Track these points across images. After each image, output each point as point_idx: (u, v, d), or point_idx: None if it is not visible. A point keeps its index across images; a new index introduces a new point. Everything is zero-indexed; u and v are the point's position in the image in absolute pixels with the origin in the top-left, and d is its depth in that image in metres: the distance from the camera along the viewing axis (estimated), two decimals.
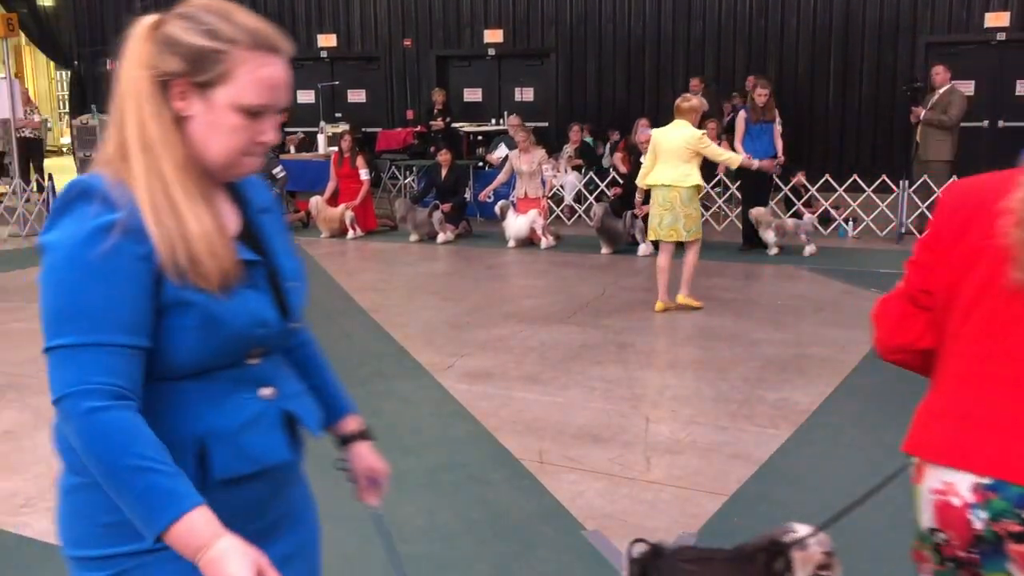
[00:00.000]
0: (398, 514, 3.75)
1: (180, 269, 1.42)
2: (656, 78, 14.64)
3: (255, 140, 1.51)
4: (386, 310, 7.39)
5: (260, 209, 1.65)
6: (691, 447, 4.44)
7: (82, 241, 1.38)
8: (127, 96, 1.49)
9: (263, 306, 1.54)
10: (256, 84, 1.48)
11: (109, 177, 1.45)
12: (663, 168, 7.15)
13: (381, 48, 16.39)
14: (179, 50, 1.46)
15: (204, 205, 1.47)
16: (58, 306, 1.39)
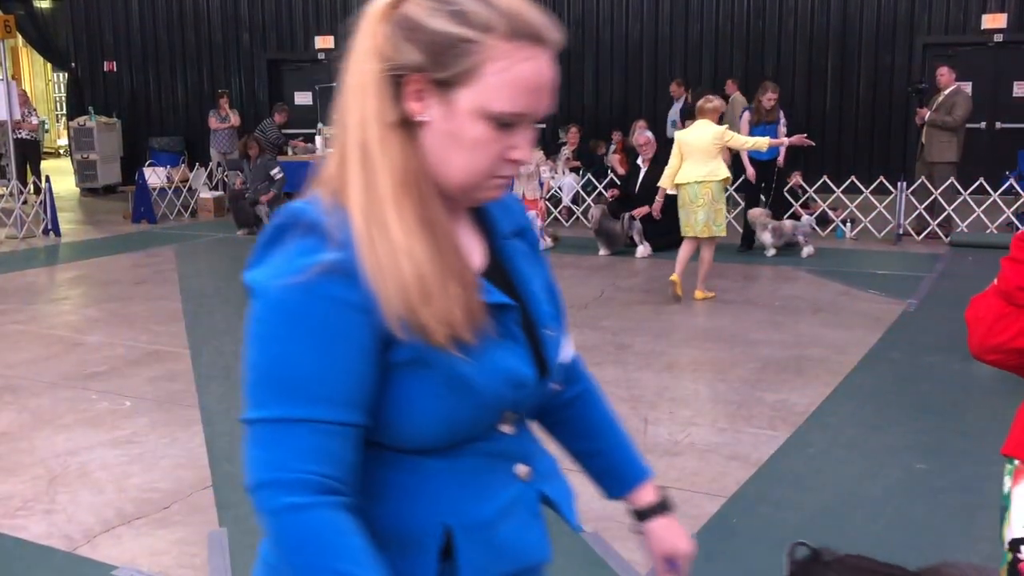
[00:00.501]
0: None
1: (401, 321, 1.11)
2: (654, 80, 14.64)
3: (504, 157, 1.17)
4: None
5: (510, 234, 1.32)
6: (690, 448, 4.43)
7: (291, 286, 1.10)
8: (352, 92, 1.18)
9: (518, 362, 1.21)
10: (512, 85, 1.14)
11: (326, 200, 1.16)
12: (691, 167, 7.47)
13: None
14: (419, 37, 1.13)
15: (424, 235, 1.14)
16: (262, 368, 1.13)
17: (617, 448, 1.52)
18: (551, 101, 1.20)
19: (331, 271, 1.10)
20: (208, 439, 4.63)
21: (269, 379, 1.12)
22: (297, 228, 1.14)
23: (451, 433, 1.17)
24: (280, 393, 1.11)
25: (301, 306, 1.10)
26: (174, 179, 13.66)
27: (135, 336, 6.70)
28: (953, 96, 10.33)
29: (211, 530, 3.65)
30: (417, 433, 1.16)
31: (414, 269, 1.11)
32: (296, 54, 16.91)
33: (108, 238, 11.63)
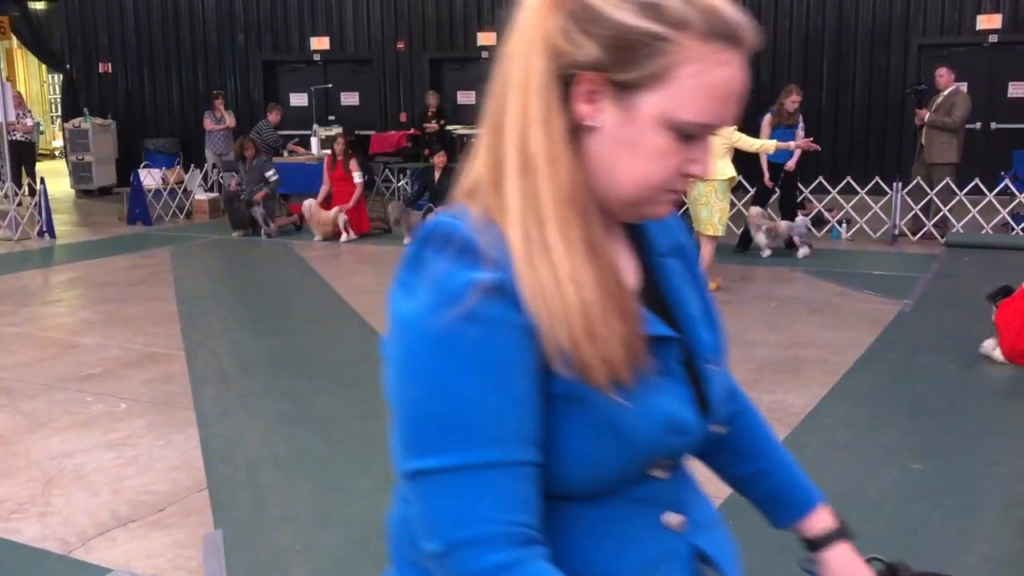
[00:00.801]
0: None
1: (561, 354, 0.98)
2: None
3: (682, 171, 1.04)
4: (380, 313, 7.35)
5: (667, 251, 1.18)
6: None
7: (445, 311, 0.96)
8: (512, 91, 1.03)
9: (678, 404, 1.07)
10: (704, 92, 0.99)
11: (476, 214, 1.02)
12: (721, 161, 7.62)
13: (374, 51, 16.37)
14: (601, 30, 0.98)
15: (588, 260, 1.00)
16: (426, 409, 0.98)
17: (783, 469, 1.37)
18: (738, 111, 1.05)
19: (491, 292, 0.96)
20: (203, 441, 4.62)
21: (439, 421, 0.97)
22: (446, 246, 0.99)
23: (595, 480, 1.03)
24: (456, 436, 0.96)
25: (464, 334, 0.95)
26: (169, 180, 13.64)
27: (130, 338, 6.68)
28: (952, 97, 10.33)
29: (206, 532, 3.64)
30: (556, 476, 1.02)
31: (579, 299, 0.98)
32: (292, 55, 16.90)
33: (103, 240, 11.60)
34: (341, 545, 3.53)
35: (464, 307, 0.95)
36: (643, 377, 1.02)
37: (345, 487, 4.05)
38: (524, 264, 0.98)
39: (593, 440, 1.01)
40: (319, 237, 11.29)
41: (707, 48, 0.98)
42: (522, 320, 0.97)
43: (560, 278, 0.98)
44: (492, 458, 0.96)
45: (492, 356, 0.96)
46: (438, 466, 0.97)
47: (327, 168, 11.64)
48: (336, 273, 9.22)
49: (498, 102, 1.04)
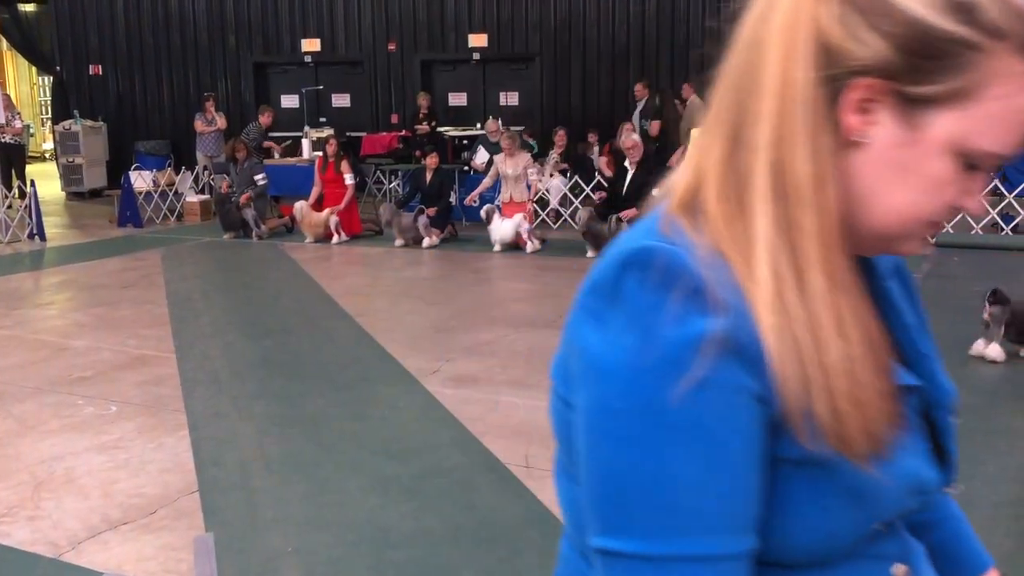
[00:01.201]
0: (383, 519, 3.74)
1: (813, 423, 0.80)
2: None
3: (953, 203, 0.85)
4: (371, 315, 7.37)
5: (888, 274, 0.99)
6: None
7: (659, 367, 0.77)
8: (762, 93, 0.83)
9: (920, 462, 0.91)
10: (1009, 118, 0.81)
11: (696, 239, 0.82)
12: None
13: (365, 52, 16.37)
14: (894, 27, 0.80)
15: (853, 304, 0.83)
16: (629, 481, 0.80)
17: (954, 524, 1.22)
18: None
19: (722, 348, 0.77)
20: (195, 444, 4.61)
21: (645, 499, 0.80)
22: (665, 282, 0.79)
23: (824, 547, 0.88)
24: (665, 520, 0.80)
25: (685, 403, 0.77)
26: (160, 183, 13.61)
27: (121, 340, 6.66)
28: None
29: (197, 535, 3.63)
30: (778, 544, 0.86)
31: (845, 355, 0.80)
32: (283, 57, 16.88)
33: (94, 242, 11.57)
34: (333, 547, 3.53)
35: (687, 368, 0.77)
36: (894, 438, 0.85)
37: (337, 489, 4.05)
38: (771, 311, 0.79)
39: (830, 508, 0.85)
40: (310, 239, 11.27)
41: (1021, 66, 0.79)
42: (757, 383, 0.79)
43: (822, 329, 0.79)
44: (706, 550, 0.80)
45: (717, 430, 0.79)
46: (641, 552, 0.80)
47: (318, 170, 11.63)
48: (327, 275, 9.21)
49: (736, 105, 0.84)
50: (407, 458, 4.39)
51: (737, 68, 0.86)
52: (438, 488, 4.04)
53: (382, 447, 4.54)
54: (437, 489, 4.03)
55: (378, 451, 4.49)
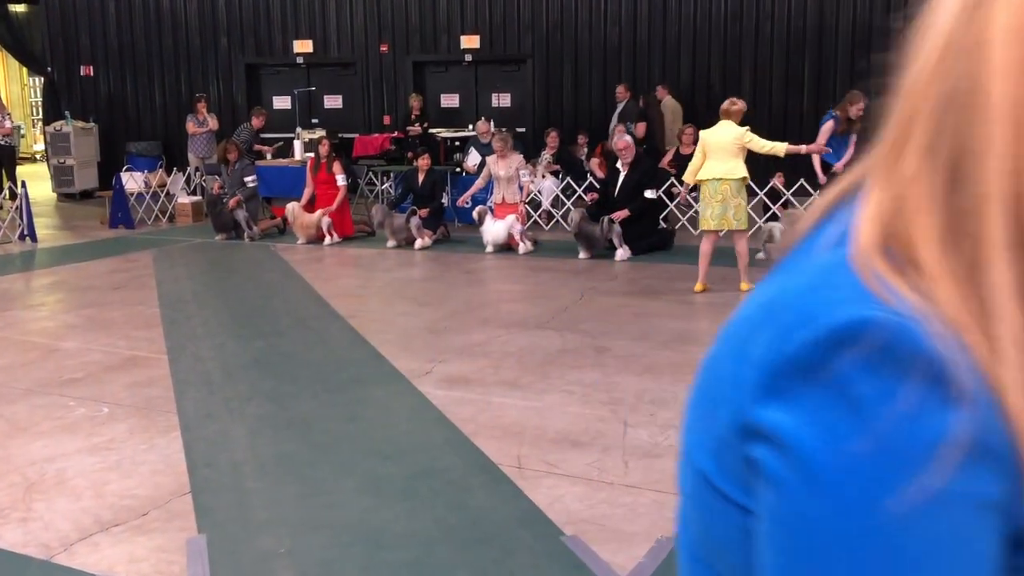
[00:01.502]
0: (376, 520, 3.74)
1: None
2: (632, 83, 14.69)
3: None
4: (363, 316, 7.37)
5: None
6: (670, 451, 4.45)
7: (888, 475, 0.62)
8: (989, 115, 0.64)
9: None
10: None
11: (922, 305, 0.63)
12: (713, 164, 8.00)
13: (357, 54, 16.36)
14: None
15: None
16: None
17: None
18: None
19: (972, 451, 0.61)
20: (187, 445, 4.61)
21: None
22: (897, 366, 0.62)
23: None
24: None
25: (920, 517, 0.62)
26: (152, 184, 13.57)
27: (112, 342, 6.65)
28: None
29: (189, 536, 3.63)
30: None
31: None
32: (275, 58, 16.86)
33: (85, 243, 11.54)
34: (326, 548, 3.53)
35: (923, 476, 0.62)
36: None
37: (330, 490, 4.05)
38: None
39: None
40: (302, 240, 11.26)
41: None
42: (1003, 492, 0.63)
43: None
44: None
45: (955, 557, 0.63)
46: None
47: (310, 171, 11.62)
48: (319, 276, 9.21)
49: (951, 129, 0.65)
50: (400, 459, 4.39)
51: (945, 80, 0.67)
52: (431, 489, 4.05)
53: (375, 448, 4.54)
54: (430, 490, 4.04)
55: (371, 452, 4.49)
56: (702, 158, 8.05)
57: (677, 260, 9.61)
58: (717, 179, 7.97)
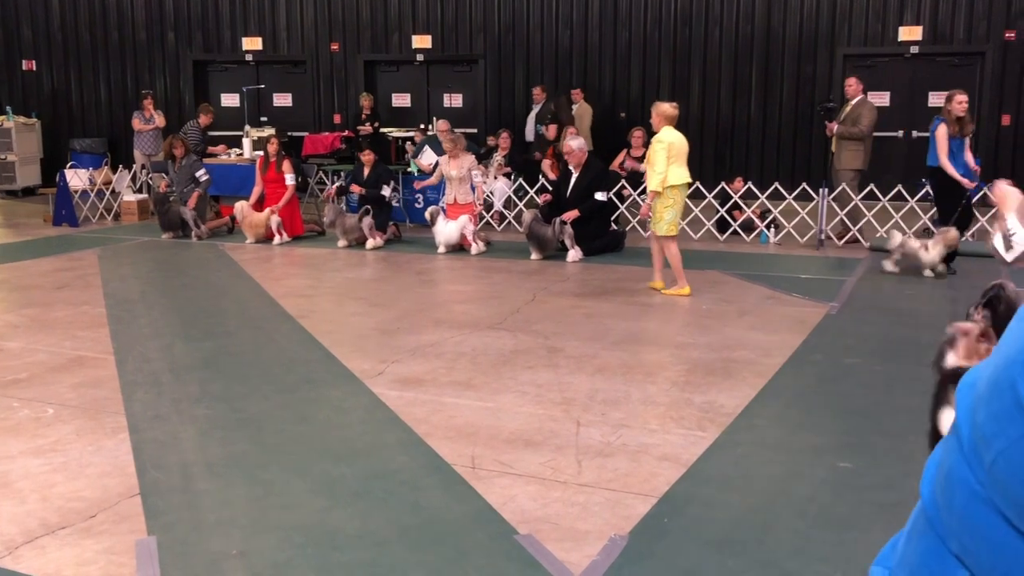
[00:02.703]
0: (330, 521, 3.72)
1: None
2: (583, 86, 14.78)
3: None
4: (314, 316, 7.32)
5: None
6: (621, 450, 4.49)
7: None
8: None
9: None
10: None
11: None
12: (678, 169, 8.00)
13: (308, 52, 16.23)
14: None
15: None
16: None
17: None
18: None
19: None
20: (135, 446, 4.54)
21: None
22: None
23: None
24: None
25: None
26: (96, 181, 13.34)
27: (57, 342, 6.53)
28: (859, 107, 10.73)
29: (139, 539, 3.58)
30: None
31: None
32: (223, 55, 16.66)
33: (28, 242, 11.30)
34: (279, 550, 3.50)
35: None
36: None
37: (282, 491, 4.02)
38: None
39: None
40: (251, 239, 11.15)
41: None
42: None
43: None
44: None
45: None
46: None
47: (259, 170, 11.51)
48: (269, 276, 9.12)
49: None
50: (352, 460, 4.38)
51: None
52: (384, 489, 4.04)
53: (327, 449, 4.51)
54: (383, 491, 4.03)
55: (323, 453, 4.47)
56: (667, 163, 7.88)
57: (627, 262, 9.69)
58: (687, 184, 8.08)
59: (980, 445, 0.76)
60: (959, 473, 0.76)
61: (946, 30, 13.46)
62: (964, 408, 0.84)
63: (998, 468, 0.73)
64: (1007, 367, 0.77)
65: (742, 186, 11.24)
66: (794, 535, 3.61)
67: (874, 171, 11.59)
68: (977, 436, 0.77)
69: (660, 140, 7.92)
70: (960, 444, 0.78)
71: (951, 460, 0.79)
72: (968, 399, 0.82)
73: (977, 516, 0.74)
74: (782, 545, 3.53)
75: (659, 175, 7.85)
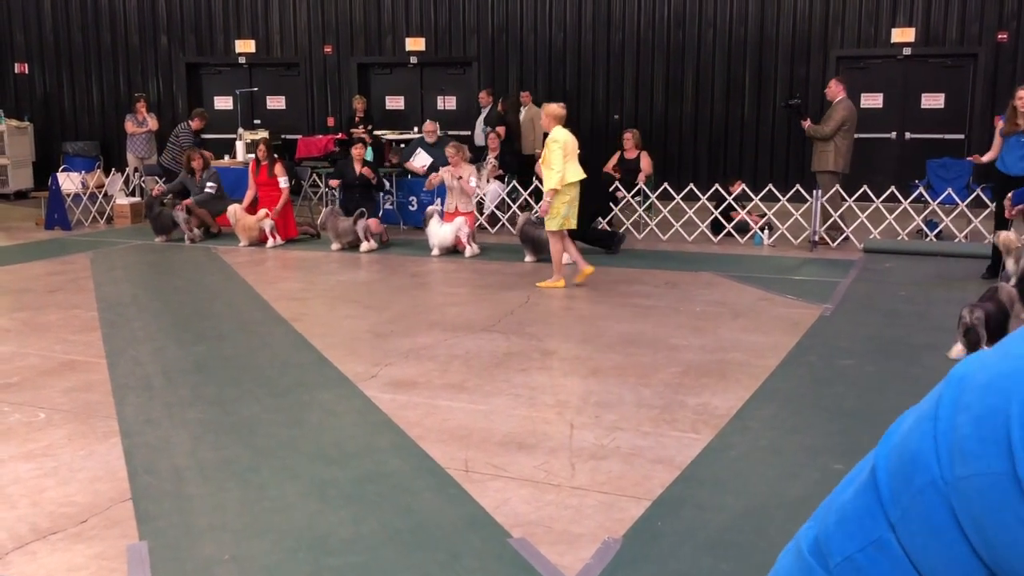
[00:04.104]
0: (322, 525, 3.71)
1: None
2: (577, 87, 14.79)
3: None
4: (307, 320, 7.30)
5: None
6: (615, 453, 4.48)
7: None
8: None
9: None
10: None
11: None
12: (572, 166, 8.30)
13: (301, 54, 16.21)
14: None
15: None
16: None
17: None
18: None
19: None
20: (127, 451, 4.52)
21: None
22: None
23: None
24: None
25: None
26: (89, 184, 13.30)
27: (49, 346, 6.50)
28: (834, 108, 10.70)
29: (130, 543, 3.57)
30: None
31: None
32: (216, 58, 16.63)
33: (20, 245, 11.26)
34: (271, 554, 3.49)
35: None
36: None
37: (274, 495, 4.00)
38: None
39: None
40: (244, 242, 11.12)
41: None
42: None
43: None
44: None
45: None
46: None
47: (252, 173, 11.49)
48: (262, 279, 9.10)
49: None
50: (345, 463, 4.36)
51: None
52: (377, 493, 4.03)
53: (320, 452, 4.50)
54: (376, 494, 4.02)
55: (316, 456, 4.45)
56: (564, 160, 8.21)
57: (620, 264, 9.69)
58: (580, 181, 8.37)
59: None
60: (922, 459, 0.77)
61: (939, 32, 13.48)
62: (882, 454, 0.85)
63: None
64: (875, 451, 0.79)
65: (740, 189, 11.25)
66: (788, 537, 3.59)
67: (866, 172, 11.61)
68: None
69: (555, 140, 8.26)
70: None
71: (914, 440, 0.79)
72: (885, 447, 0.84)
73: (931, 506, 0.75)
74: (776, 547, 3.52)
75: (558, 173, 8.21)
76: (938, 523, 0.72)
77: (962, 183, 11.18)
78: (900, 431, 0.80)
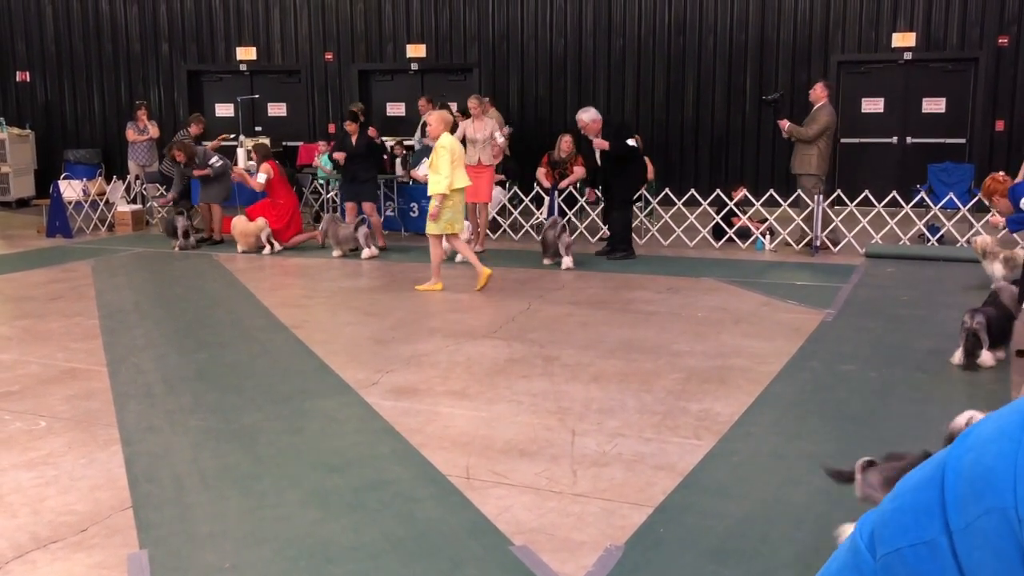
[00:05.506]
0: (323, 534, 3.69)
1: None
2: (577, 94, 14.79)
3: None
4: (309, 327, 7.29)
5: None
6: (617, 459, 4.47)
7: None
8: None
9: None
10: None
11: None
12: (459, 172, 8.53)
13: (302, 62, 16.23)
14: None
15: None
16: None
17: None
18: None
19: None
20: (127, 459, 4.51)
21: None
22: None
23: None
24: None
25: None
26: (91, 192, 13.31)
27: (50, 354, 6.49)
28: (818, 111, 10.70)
29: (131, 552, 3.55)
30: None
31: None
32: (217, 65, 16.65)
33: (21, 253, 11.27)
34: (272, 562, 3.48)
35: None
36: None
37: (275, 503, 3.99)
38: None
39: None
40: (242, 248, 11.12)
41: None
42: None
43: None
44: None
45: None
46: None
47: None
48: (262, 286, 9.10)
49: None
50: (346, 471, 4.35)
51: None
52: (378, 501, 4.01)
53: (321, 460, 4.49)
54: (377, 502, 4.00)
55: (317, 464, 4.44)
56: (452, 167, 8.39)
57: (621, 269, 9.68)
58: (465, 187, 8.65)
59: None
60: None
61: (939, 36, 13.48)
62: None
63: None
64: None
65: (742, 194, 11.25)
66: (791, 544, 3.58)
67: (868, 177, 11.59)
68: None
69: (443, 146, 8.42)
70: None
71: (991, 455, 0.79)
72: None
73: None
74: (779, 554, 3.51)
75: (446, 179, 8.37)
76: (1002, 548, 0.70)
77: (964, 187, 11.17)
78: (979, 437, 0.77)
